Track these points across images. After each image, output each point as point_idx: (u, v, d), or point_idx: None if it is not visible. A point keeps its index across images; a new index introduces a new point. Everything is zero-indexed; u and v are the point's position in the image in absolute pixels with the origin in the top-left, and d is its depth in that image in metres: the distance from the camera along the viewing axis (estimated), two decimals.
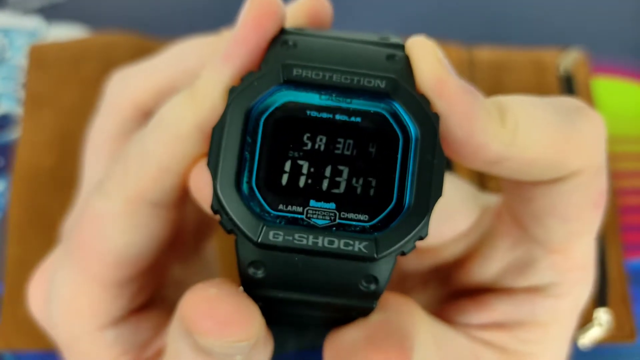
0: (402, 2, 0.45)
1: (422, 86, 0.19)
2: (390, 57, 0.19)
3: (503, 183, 0.24)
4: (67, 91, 0.38)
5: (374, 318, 0.20)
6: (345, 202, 0.18)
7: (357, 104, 0.18)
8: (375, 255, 0.17)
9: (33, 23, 0.43)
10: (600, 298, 0.35)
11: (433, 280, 0.28)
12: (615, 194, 0.38)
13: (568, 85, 0.40)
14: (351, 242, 0.17)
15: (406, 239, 0.18)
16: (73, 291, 0.22)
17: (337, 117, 0.18)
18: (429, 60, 0.19)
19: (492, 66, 0.40)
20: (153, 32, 0.40)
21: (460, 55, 0.41)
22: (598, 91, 0.41)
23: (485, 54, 0.41)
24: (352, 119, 0.18)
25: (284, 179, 0.18)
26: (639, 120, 0.41)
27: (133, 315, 0.24)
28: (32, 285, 0.25)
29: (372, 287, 0.18)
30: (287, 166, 0.18)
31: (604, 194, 0.22)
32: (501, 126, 0.19)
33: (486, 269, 0.25)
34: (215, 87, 0.19)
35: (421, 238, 0.18)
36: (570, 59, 0.41)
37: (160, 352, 0.24)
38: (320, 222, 0.18)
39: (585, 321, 0.34)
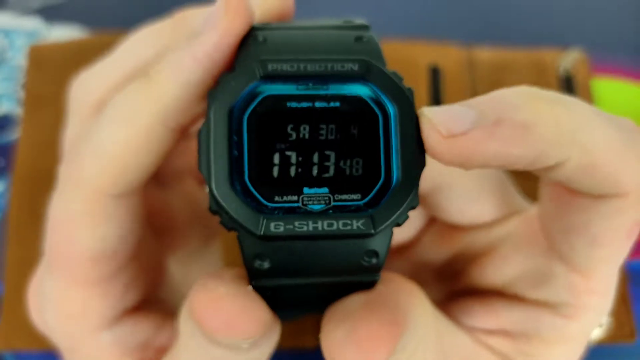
0: (402, 2, 0.45)
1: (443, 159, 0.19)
2: (358, 39, 0.19)
3: (543, 191, 0.24)
4: (67, 91, 0.38)
5: (376, 288, 0.20)
6: (337, 185, 0.18)
7: (334, 89, 0.18)
8: (373, 231, 0.18)
9: (33, 23, 0.43)
10: None
11: (447, 274, 0.27)
12: None
13: (568, 86, 0.40)
14: (349, 222, 0.18)
15: (399, 211, 0.18)
16: (60, 297, 0.22)
17: (317, 104, 0.18)
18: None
19: (492, 66, 0.40)
20: None
21: (460, 55, 0.41)
22: (598, 91, 0.41)
23: (485, 54, 0.41)
24: (331, 104, 0.18)
25: (275, 171, 0.18)
26: (639, 120, 0.41)
27: (128, 316, 0.24)
28: (29, 294, 0.25)
29: (374, 260, 0.19)
30: (276, 158, 0.18)
31: (638, 226, 0.21)
32: (556, 128, 0.19)
33: (502, 271, 0.24)
34: (178, 80, 0.19)
35: (413, 207, 0.19)
36: (570, 59, 0.41)
37: (162, 350, 0.24)
38: (317, 207, 0.18)
39: None
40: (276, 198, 0.18)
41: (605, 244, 0.21)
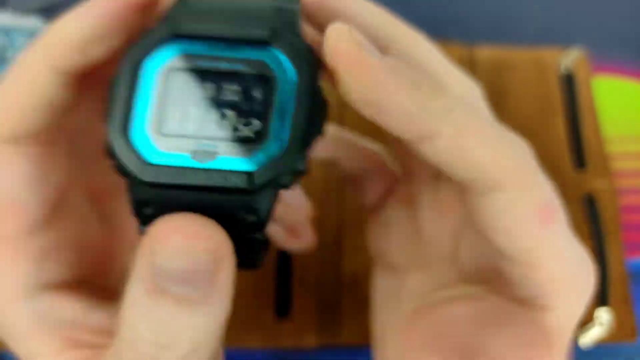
0: (402, 2, 0.45)
1: (330, 62, 0.19)
2: (280, 10, 0.20)
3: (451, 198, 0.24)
4: None
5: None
6: (230, 143, 0.19)
7: (241, 52, 0.19)
8: (253, 187, 0.19)
9: (33, 22, 0.42)
10: (601, 297, 0.35)
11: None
12: (616, 193, 0.38)
13: (569, 84, 0.40)
14: (229, 177, 0.19)
15: (281, 171, 0.19)
16: None
17: (223, 65, 0.19)
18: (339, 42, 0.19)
19: (493, 65, 0.40)
20: None
21: (461, 54, 0.41)
22: (599, 90, 0.41)
23: (486, 53, 0.41)
24: (237, 66, 0.19)
25: (172, 125, 0.19)
26: (639, 120, 0.41)
27: (53, 290, 0.23)
28: None
29: (252, 218, 0.19)
30: (177, 113, 0.19)
31: (550, 210, 0.21)
32: (434, 99, 0.20)
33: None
34: (67, 26, 0.20)
35: (299, 172, 0.19)
36: (571, 58, 0.41)
37: (101, 332, 0.23)
38: (206, 162, 0.19)
39: (586, 321, 0.35)
40: (169, 150, 0.19)
41: (521, 236, 0.21)
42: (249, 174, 0.19)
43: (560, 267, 0.22)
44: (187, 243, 0.18)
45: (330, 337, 0.34)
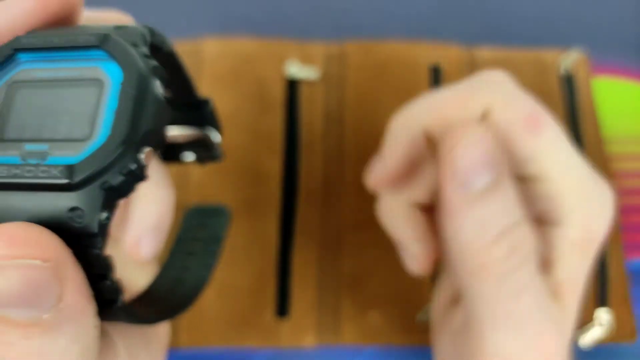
0: (402, 2, 0.45)
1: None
2: (119, 28, 0.21)
3: None
4: None
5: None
6: (57, 143, 0.19)
7: (76, 60, 0.20)
8: (69, 180, 0.18)
9: None
10: (601, 298, 0.35)
11: None
12: (616, 193, 0.38)
13: (569, 85, 0.40)
14: (47, 170, 0.18)
15: (102, 165, 0.18)
16: None
17: (61, 74, 0.20)
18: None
19: (492, 66, 0.40)
20: None
21: (460, 55, 0.41)
22: (599, 91, 0.41)
23: (486, 54, 0.41)
24: (73, 73, 0.20)
25: (9, 132, 0.19)
26: (639, 120, 0.41)
27: None
28: None
29: (78, 221, 0.18)
30: (15, 122, 0.20)
31: (535, 117, 0.24)
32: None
33: None
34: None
35: (132, 173, 0.18)
36: (571, 59, 0.41)
37: None
38: (33, 162, 0.19)
39: (586, 321, 0.34)
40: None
41: (516, 146, 0.24)
42: (68, 167, 0.18)
43: (565, 178, 0.24)
44: (18, 252, 0.15)
45: (330, 337, 0.34)
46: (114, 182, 0.18)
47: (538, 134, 0.23)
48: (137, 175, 0.19)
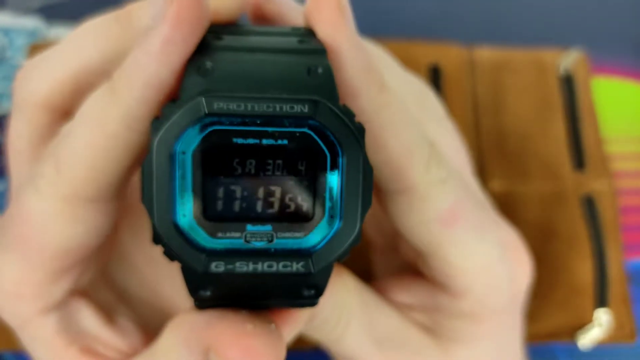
0: (402, 2, 0.45)
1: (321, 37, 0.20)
2: (311, 71, 0.19)
3: None
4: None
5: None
6: (281, 222, 0.18)
7: (283, 127, 0.18)
8: (313, 271, 0.18)
9: (33, 23, 0.42)
10: (600, 298, 0.35)
11: (388, 250, 0.29)
12: (616, 194, 0.38)
13: (568, 85, 0.40)
14: (289, 263, 0.18)
15: (339, 251, 0.19)
16: (13, 279, 0.22)
17: (264, 141, 0.18)
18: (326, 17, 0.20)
19: (492, 66, 0.40)
20: None
21: (460, 55, 0.41)
22: (598, 91, 0.41)
23: (486, 53, 0.41)
24: (279, 141, 0.18)
25: (219, 206, 0.18)
26: (639, 120, 0.41)
27: (74, 298, 0.24)
28: None
29: (312, 292, 0.20)
30: (221, 193, 0.18)
31: (454, 213, 0.22)
32: (378, 92, 0.21)
33: (410, 248, 0.26)
34: (139, 82, 0.19)
35: (355, 245, 0.19)
36: (570, 59, 0.41)
37: (108, 346, 0.24)
38: (259, 245, 0.18)
39: (586, 321, 0.35)
40: (219, 234, 0.18)
41: (426, 237, 0.23)
42: (311, 258, 0.18)
43: (467, 261, 0.24)
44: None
45: None
46: (342, 258, 0.19)
47: (451, 228, 0.23)
48: (357, 245, 0.19)
